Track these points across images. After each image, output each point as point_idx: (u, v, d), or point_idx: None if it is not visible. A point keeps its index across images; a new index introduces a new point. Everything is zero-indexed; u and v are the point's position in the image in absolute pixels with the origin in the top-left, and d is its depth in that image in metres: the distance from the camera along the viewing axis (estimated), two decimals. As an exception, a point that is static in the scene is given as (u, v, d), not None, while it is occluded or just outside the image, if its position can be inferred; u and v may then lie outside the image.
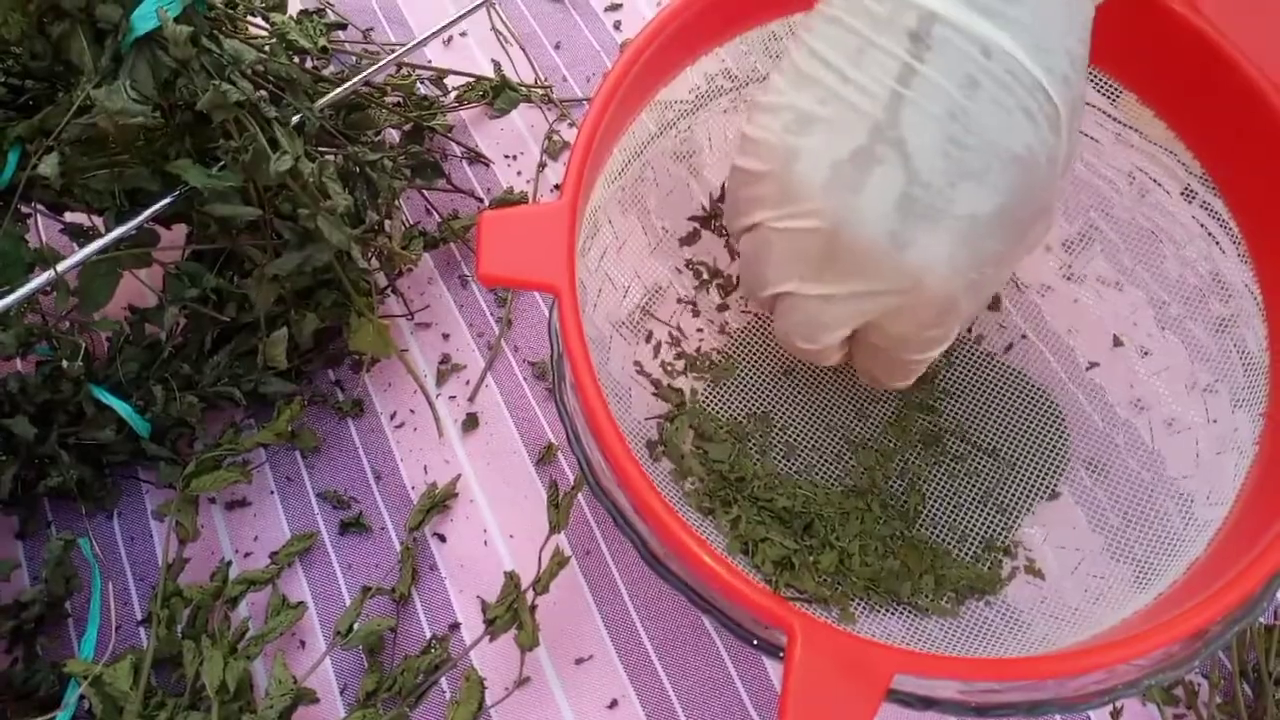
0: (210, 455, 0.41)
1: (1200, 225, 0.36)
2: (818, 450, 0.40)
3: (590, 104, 0.31)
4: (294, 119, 0.40)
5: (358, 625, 0.39)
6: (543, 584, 0.38)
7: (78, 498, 0.42)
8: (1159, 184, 0.37)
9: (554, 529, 0.38)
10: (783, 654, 0.25)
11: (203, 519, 0.43)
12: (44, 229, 0.49)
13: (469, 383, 0.46)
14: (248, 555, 0.42)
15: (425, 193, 0.51)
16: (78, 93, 0.35)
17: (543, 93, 0.54)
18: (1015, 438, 0.41)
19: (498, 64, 0.56)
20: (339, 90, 0.43)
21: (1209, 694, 0.38)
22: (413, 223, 0.50)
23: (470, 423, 0.45)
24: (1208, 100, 0.33)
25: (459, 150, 0.53)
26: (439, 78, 0.53)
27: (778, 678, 0.39)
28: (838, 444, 0.41)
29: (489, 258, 0.29)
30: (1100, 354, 0.41)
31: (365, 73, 0.45)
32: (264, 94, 0.38)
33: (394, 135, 0.51)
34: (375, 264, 0.46)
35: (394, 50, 0.48)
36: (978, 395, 0.42)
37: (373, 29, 0.58)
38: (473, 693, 0.37)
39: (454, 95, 0.54)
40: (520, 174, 0.53)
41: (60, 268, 0.36)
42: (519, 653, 0.38)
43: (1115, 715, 0.37)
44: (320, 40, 0.46)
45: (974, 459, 0.40)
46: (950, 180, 0.27)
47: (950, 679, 0.26)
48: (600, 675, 0.39)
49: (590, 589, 0.41)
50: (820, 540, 0.37)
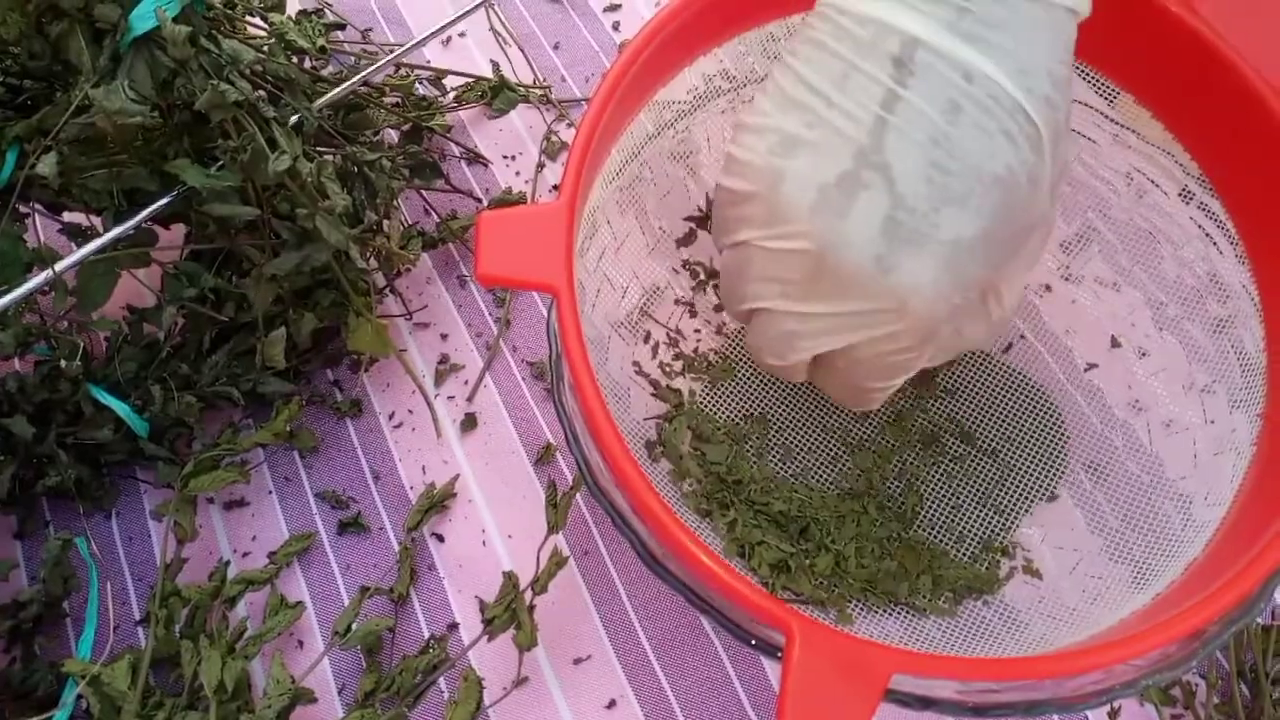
0: (208, 455, 0.41)
1: (1198, 226, 0.36)
2: (814, 453, 0.41)
3: (589, 104, 0.31)
4: (292, 119, 0.40)
5: (356, 625, 0.39)
6: (541, 584, 0.38)
7: (76, 497, 0.42)
8: (1156, 185, 0.37)
9: (552, 529, 0.38)
10: (781, 654, 0.25)
11: (201, 519, 0.43)
12: (42, 228, 0.49)
13: (467, 383, 0.46)
14: (246, 555, 0.42)
15: (424, 193, 0.51)
16: (76, 92, 0.35)
17: (541, 93, 0.54)
18: (1014, 438, 0.41)
19: (496, 64, 0.56)
20: (337, 90, 0.43)
21: (1206, 694, 0.38)
22: (411, 223, 0.50)
23: (469, 423, 0.45)
24: (1205, 101, 0.33)
25: (457, 150, 0.53)
26: (437, 78, 0.53)
27: (776, 678, 0.39)
28: (835, 446, 0.41)
29: (487, 258, 0.29)
30: (1098, 355, 0.41)
31: (364, 73, 0.45)
32: (262, 94, 0.38)
33: (392, 135, 0.51)
34: (374, 264, 0.46)
35: (392, 50, 0.48)
36: (977, 395, 0.42)
37: (371, 29, 0.58)
38: (471, 693, 0.37)
39: (452, 95, 0.54)
40: (519, 174, 0.53)
41: (58, 267, 0.36)
42: (517, 653, 0.38)
43: (1113, 715, 0.38)
44: (319, 40, 0.46)
45: (973, 459, 0.40)
46: (934, 205, 0.27)
47: (948, 679, 0.26)
48: (598, 675, 0.39)
49: (588, 589, 0.41)
50: (816, 543, 0.37)
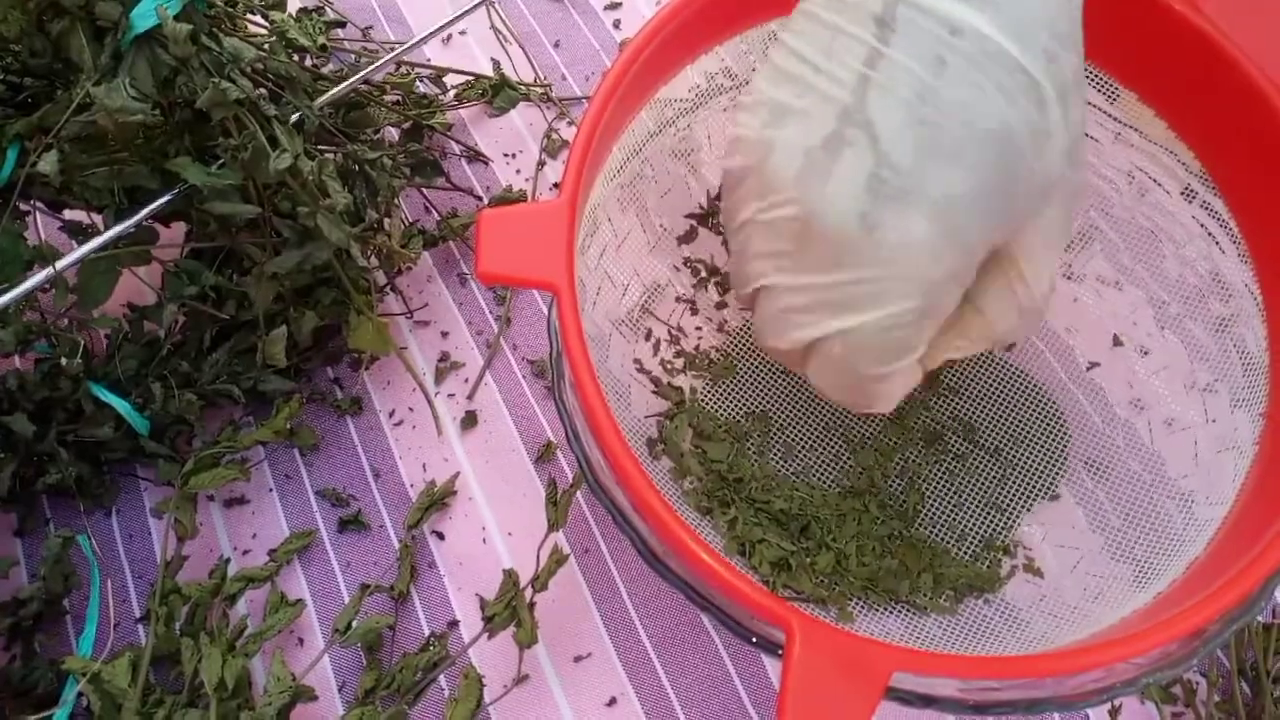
0: (209, 453, 0.41)
1: (1200, 225, 0.36)
2: (815, 451, 0.40)
3: (590, 102, 0.31)
4: (293, 117, 0.40)
5: (356, 623, 0.39)
6: (541, 582, 0.38)
7: (76, 495, 0.42)
8: (1159, 183, 0.37)
9: (553, 527, 0.38)
10: (781, 652, 0.25)
11: (201, 516, 0.43)
12: (43, 226, 0.48)
13: (468, 381, 0.46)
14: (246, 553, 0.42)
15: (424, 191, 0.51)
16: (77, 90, 0.35)
17: (542, 91, 0.54)
18: (1016, 436, 0.41)
19: (497, 62, 0.56)
20: (338, 88, 0.43)
21: (1207, 692, 0.38)
22: (412, 221, 0.50)
23: (469, 421, 0.45)
24: (1208, 100, 0.33)
25: (458, 148, 0.53)
26: (438, 76, 0.53)
27: (776, 675, 0.39)
28: (836, 444, 0.41)
29: (488, 256, 0.29)
30: (1100, 353, 0.41)
31: (364, 71, 0.45)
32: (263, 92, 0.38)
33: (393, 133, 0.51)
34: (374, 262, 0.46)
35: (393, 49, 0.47)
36: (979, 393, 0.42)
37: (372, 27, 0.57)
38: (471, 690, 0.37)
39: (453, 94, 0.54)
40: (519, 172, 0.53)
41: (59, 265, 0.36)
42: (517, 650, 0.38)
43: (1113, 713, 0.38)
44: (319, 38, 0.46)
45: (975, 457, 0.40)
46: (920, 161, 0.26)
47: (949, 677, 0.26)
48: (599, 673, 0.39)
49: (589, 587, 0.41)
50: (817, 542, 0.37)
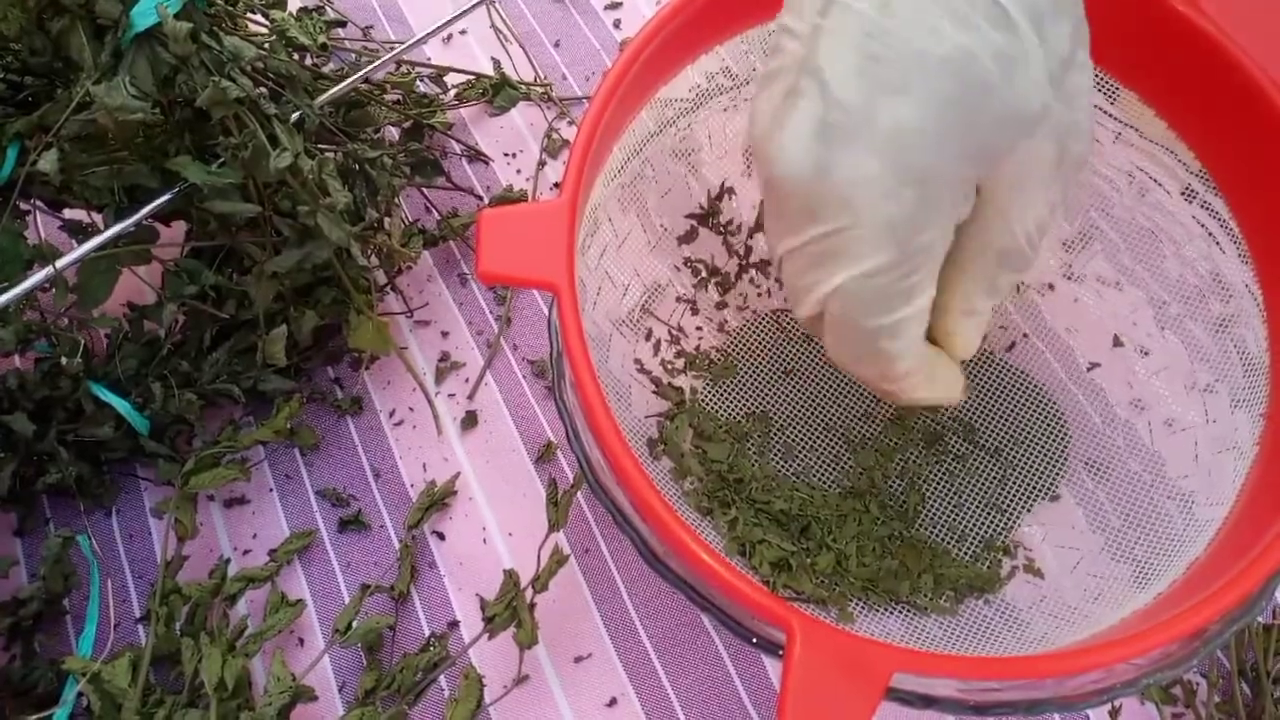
0: (209, 453, 0.41)
1: (1200, 225, 0.36)
2: (816, 451, 0.40)
3: (590, 102, 0.31)
4: (293, 116, 0.40)
5: (356, 623, 0.39)
6: (542, 582, 0.38)
7: (76, 495, 0.42)
8: (1159, 183, 0.37)
9: (553, 527, 0.38)
10: (782, 652, 0.25)
11: (201, 516, 0.43)
12: (43, 225, 0.48)
13: (468, 380, 0.46)
14: (246, 553, 0.42)
15: (425, 190, 0.51)
16: (77, 89, 0.35)
17: (542, 91, 0.54)
18: (1016, 437, 0.41)
19: (497, 62, 0.56)
20: (339, 87, 0.43)
21: (1207, 693, 0.38)
22: (412, 220, 0.50)
23: (469, 421, 0.45)
24: (1208, 99, 0.33)
25: (458, 148, 0.53)
26: (438, 75, 0.53)
27: (777, 676, 0.39)
28: (836, 444, 0.41)
29: (488, 256, 0.29)
30: (1100, 354, 0.41)
31: (365, 70, 0.45)
32: (263, 91, 0.38)
33: (393, 133, 0.51)
34: (374, 261, 0.46)
35: (393, 48, 0.47)
36: (979, 394, 0.42)
37: (372, 26, 0.57)
38: (471, 691, 0.37)
39: (453, 93, 0.53)
40: (520, 172, 0.52)
41: (59, 264, 0.36)
42: (518, 651, 0.38)
43: (1114, 714, 0.38)
44: (320, 37, 0.46)
45: (975, 458, 0.40)
46: (869, 98, 0.26)
47: (949, 678, 0.26)
48: (599, 673, 0.39)
49: (589, 587, 0.41)
50: (817, 542, 0.37)
